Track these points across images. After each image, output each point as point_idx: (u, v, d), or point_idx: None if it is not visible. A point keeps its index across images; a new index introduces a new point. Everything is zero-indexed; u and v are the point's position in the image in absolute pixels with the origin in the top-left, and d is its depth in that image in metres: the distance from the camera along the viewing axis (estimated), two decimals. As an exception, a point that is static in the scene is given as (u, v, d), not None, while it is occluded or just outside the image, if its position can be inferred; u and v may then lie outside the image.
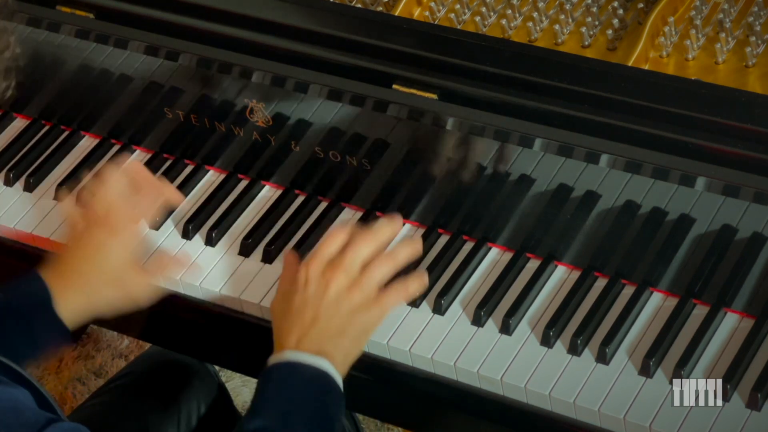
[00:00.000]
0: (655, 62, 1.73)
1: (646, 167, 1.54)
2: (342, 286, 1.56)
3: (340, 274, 1.56)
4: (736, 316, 1.58)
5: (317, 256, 1.59)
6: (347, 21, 1.74)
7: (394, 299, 1.59)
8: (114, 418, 1.86)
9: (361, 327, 1.56)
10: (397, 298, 1.59)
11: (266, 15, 1.76)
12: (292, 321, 1.55)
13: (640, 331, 1.59)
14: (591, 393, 1.54)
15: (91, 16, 1.85)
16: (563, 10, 1.79)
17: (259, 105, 1.77)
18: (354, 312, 1.55)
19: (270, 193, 1.84)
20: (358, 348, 1.57)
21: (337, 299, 1.55)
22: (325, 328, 1.54)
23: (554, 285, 1.66)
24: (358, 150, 1.74)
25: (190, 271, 1.74)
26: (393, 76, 1.67)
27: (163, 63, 1.80)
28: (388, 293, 1.58)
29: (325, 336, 1.53)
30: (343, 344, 1.54)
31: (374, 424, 2.58)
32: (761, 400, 1.49)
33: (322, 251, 1.59)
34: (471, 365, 1.59)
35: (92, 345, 2.82)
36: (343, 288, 1.56)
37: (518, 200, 1.66)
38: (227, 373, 2.66)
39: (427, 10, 1.85)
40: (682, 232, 1.57)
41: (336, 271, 1.56)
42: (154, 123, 1.89)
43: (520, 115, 1.60)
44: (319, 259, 1.58)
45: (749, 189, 1.49)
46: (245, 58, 1.75)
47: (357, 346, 1.56)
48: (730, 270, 1.57)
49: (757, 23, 1.70)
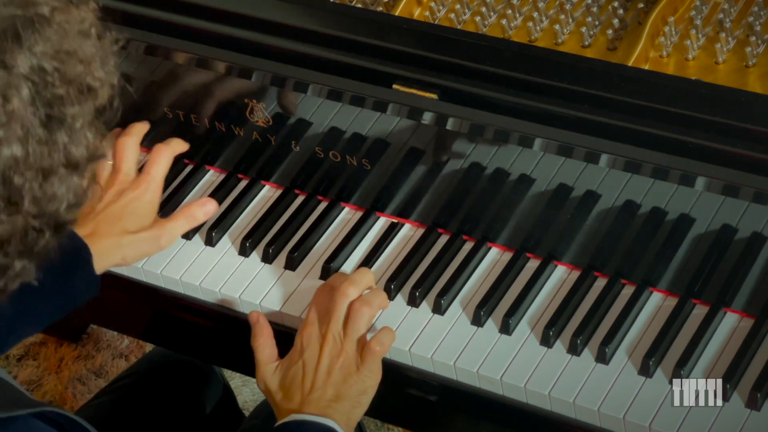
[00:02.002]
0: (655, 62, 1.72)
1: (646, 167, 1.54)
2: (334, 352, 1.57)
3: (329, 341, 1.58)
4: (735, 316, 1.58)
5: (308, 320, 1.61)
6: (347, 21, 1.74)
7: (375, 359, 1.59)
8: (119, 417, 1.87)
9: (356, 389, 1.56)
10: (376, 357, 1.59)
11: (266, 15, 1.76)
12: (292, 389, 1.57)
13: (639, 330, 1.59)
14: (591, 393, 1.54)
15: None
16: (563, 10, 1.79)
17: (259, 105, 1.77)
18: (347, 377, 1.56)
19: (270, 193, 1.84)
20: (359, 409, 1.57)
21: (329, 369, 1.57)
22: (322, 395, 1.55)
23: (554, 285, 1.66)
24: (358, 150, 1.74)
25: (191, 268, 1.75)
26: (393, 76, 1.67)
27: (164, 63, 1.80)
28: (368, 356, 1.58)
29: (323, 401, 1.55)
30: (342, 408, 1.55)
31: (374, 424, 2.58)
32: (761, 400, 1.49)
33: (312, 315, 1.61)
34: (471, 365, 1.59)
35: (92, 345, 2.82)
36: (334, 354, 1.57)
37: (518, 200, 1.66)
38: (227, 373, 2.66)
39: (427, 10, 1.85)
40: (681, 232, 1.57)
41: (326, 339, 1.58)
42: (154, 123, 1.89)
43: (520, 115, 1.60)
44: (311, 323, 1.60)
45: (749, 189, 1.49)
46: (245, 58, 1.75)
47: (357, 407, 1.56)
48: (729, 270, 1.57)
49: (757, 23, 1.70)
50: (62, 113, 1.13)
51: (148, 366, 1.97)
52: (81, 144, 1.15)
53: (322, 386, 1.55)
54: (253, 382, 2.68)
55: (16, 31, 1.10)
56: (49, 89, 1.12)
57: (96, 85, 1.17)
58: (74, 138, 1.15)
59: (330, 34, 1.72)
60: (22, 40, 1.10)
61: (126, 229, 1.68)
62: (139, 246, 1.69)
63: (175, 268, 1.76)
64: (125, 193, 1.71)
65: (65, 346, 2.80)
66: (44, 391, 2.73)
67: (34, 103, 1.11)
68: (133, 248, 1.68)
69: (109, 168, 1.74)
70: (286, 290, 1.72)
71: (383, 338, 1.60)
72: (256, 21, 1.76)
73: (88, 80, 1.16)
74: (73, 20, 1.16)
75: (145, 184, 1.72)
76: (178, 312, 1.78)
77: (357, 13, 1.78)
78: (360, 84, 1.68)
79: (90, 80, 1.16)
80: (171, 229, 1.71)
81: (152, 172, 1.73)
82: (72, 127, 1.14)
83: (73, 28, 1.16)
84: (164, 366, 1.96)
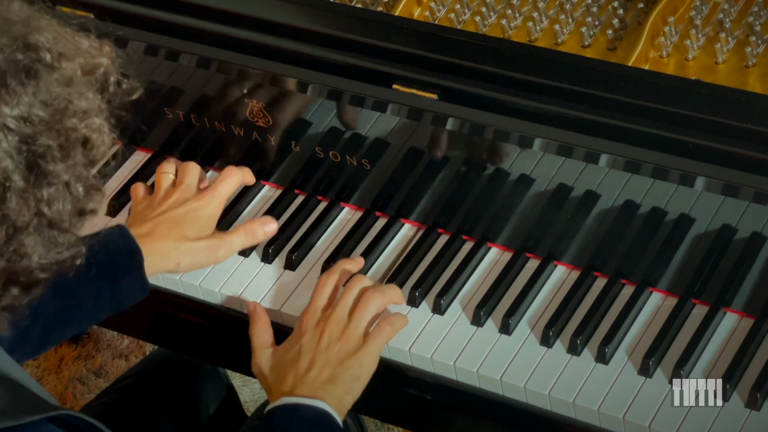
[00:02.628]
0: (655, 62, 1.72)
1: (646, 167, 1.54)
2: (334, 336, 1.58)
3: (332, 323, 1.58)
4: (735, 316, 1.58)
5: (310, 307, 1.61)
6: (347, 21, 1.74)
7: (379, 343, 1.59)
8: (122, 418, 1.86)
9: (351, 375, 1.56)
10: (382, 339, 1.60)
11: (266, 15, 1.76)
12: (286, 370, 1.57)
13: (639, 330, 1.59)
14: (590, 393, 1.54)
15: (91, 16, 1.85)
16: (563, 10, 1.79)
17: (259, 105, 1.77)
18: (344, 360, 1.56)
19: (270, 193, 1.84)
20: (351, 396, 1.56)
21: (328, 348, 1.57)
22: (317, 376, 1.55)
23: (554, 285, 1.66)
24: (358, 150, 1.74)
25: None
26: (393, 76, 1.67)
27: (163, 63, 1.80)
28: (373, 337, 1.58)
29: (317, 383, 1.54)
30: (335, 392, 1.54)
31: (374, 424, 2.58)
32: (761, 400, 1.49)
33: (314, 303, 1.62)
34: (470, 365, 1.59)
35: (92, 345, 2.82)
36: (335, 338, 1.57)
37: (518, 200, 1.66)
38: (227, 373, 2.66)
39: (427, 10, 1.85)
40: (681, 232, 1.57)
41: (329, 321, 1.58)
42: (154, 123, 1.89)
43: (520, 115, 1.60)
44: (312, 310, 1.61)
45: (749, 189, 1.49)
46: (245, 58, 1.75)
47: (350, 394, 1.56)
48: (729, 270, 1.57)
49: (757, 23, 1.70)
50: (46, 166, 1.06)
51: (149, 366, 1.97)
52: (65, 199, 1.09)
53: (318, 367, 1.55)
54: (254, 383, 2.68)
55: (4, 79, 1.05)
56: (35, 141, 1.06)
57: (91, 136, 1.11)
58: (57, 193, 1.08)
59: (330, 34, 1.72)
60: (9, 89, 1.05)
61: (185, 235, 1.67)
62: (196, 254, 1.67)
63: (175, 268, 1.76)
64: (188, 202, 1.70)
65: (65, 346, 2.80)
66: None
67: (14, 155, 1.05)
68: (189, 255, 1.67)
69: (170, 180, 1.74)
70: (286, 290, 1.72)
71: (395, 320, 1.60)
72: (256, 21, 1.76)
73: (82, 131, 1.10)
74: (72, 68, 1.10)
75: (209, 197, 1.71)
76: (178, 312, 1.78)
77: (357, 13, 1.78)
78: (360, 84, 1.68)
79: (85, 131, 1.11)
80: (230, 242, 1.70)
81: (219, 188, 1.72)
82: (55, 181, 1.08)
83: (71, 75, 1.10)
84: (166, 366, 1.96)
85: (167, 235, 1.66)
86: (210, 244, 1.68)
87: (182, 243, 1.66)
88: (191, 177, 1.74)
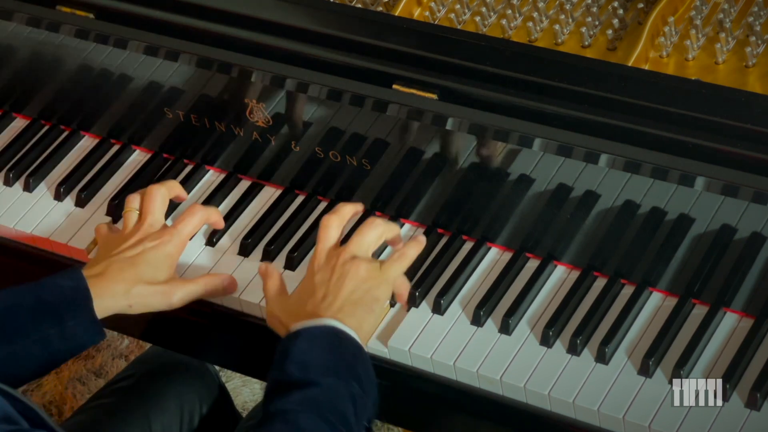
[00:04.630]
0: (655, 62, 1.73)
1: (646, 167, 1.54)
2: (347, 260, 1.58)
3: (345, 253, 1.59)
4: (735, 316, 1.58)
5: (318, 250, 1.62)
6: (347, 21, 1.74)
7: (395, 268, 1.61)
8: (115, 419, 1.86)
9: (370, 296, 1.57)
10: (399, 267, 1.61)
11: (266, 15, 1.76)
12: (301, 306, 1.57)
13: (639, 330, 1.59)
14: (590, 393, 1.54)
15: (91, 16, 1.85)
16: (563, 10, 1.79)
17: (259, 105, 1.77)
18: (362, 282, 1.57)
19: (270, 193, 1.84)
20: (372, 316, 1.57)
21: (343, 274, 1.57)
22: (334, 300, 1.55)
23: (554, 285, 1.66)
24: (358, 150, 1.74)
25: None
26: (393, 76, 1.67)
27: (163, 63, 1.80)
28: (390, 262, 1.60)
29: (334, 307, 1.55)
30: (355, 312, 1.55)
31: (374, 424, 2.58)
32: (760, 400, 1.49)
33: (321, 245, 1.62)
34: (470, 365, 1.59)
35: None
36: (348, 262, 1.58)
37: (518, 200, 1.66)
38: (227, 373, 2.66)
39: (427, 10, 1.85)
40: (681, 232, 1.57)
41: (341, 252, 1.59)
42: (154, 123, 1.89)
43: (520, 115, 1.60)
44: (320, 252, 1.61)
45: (748, 189, 1.49)
46: (245, 58, 1.75)
47: (370, 314, 1.57)
48: (729, 270, 1.57)
49: (757, 23, 1.70)
50: None
51: (143, 368, 1.96)
52: None
53: (333, 292, 1.55)
54: (254, 382, 2.68)
55: None
56: None
57: None
58: None
59: (330, 34, 1.72)
60: None
61: (140, 276, 1.64)
62: (149, 298, 1.64)
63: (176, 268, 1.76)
64: (145, 242, 1.67)
65: (65, 347, 2.80)
66: (44, 391, 2.73)
67: None
68: (141, 298, 1.63)
69: (135, 217, 1.71)
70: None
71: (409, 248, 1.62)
72: (256, 21, 1.76)
73: None
74: None
75: (168, 236, 1.67)
76: (177, 312, 1.78)
77: (357, 13, 1.78)
78: (360, 84, 1.68)
79: None
80: (186, 289, 1.67)
81: (180, 227, 1.69)
82: None
83: None
84: (159, 368, 1.96)
85: (119, 277, 1.62)
86: (164, 290, 1.65)
87: (135, 285, 1.63)
88: (153, 214, 1.70)
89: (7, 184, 1.92)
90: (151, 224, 1.69)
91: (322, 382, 1.46)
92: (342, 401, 1.46)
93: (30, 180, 1.91)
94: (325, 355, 1.49)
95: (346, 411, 1.46)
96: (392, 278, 1.60)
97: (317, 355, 1.49)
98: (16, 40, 1.92)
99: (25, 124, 2.00)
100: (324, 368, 1.47)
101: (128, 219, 1.71)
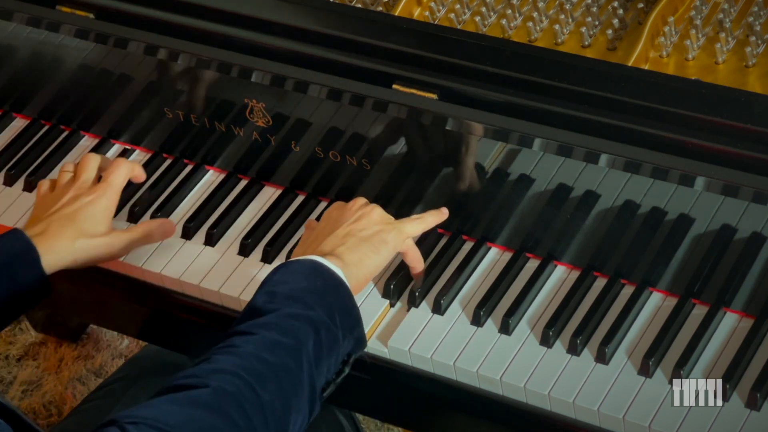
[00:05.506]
0: (655, 62, 1.73)
1: (646, 167, 1.54)
2: (361, 205, 1.63)
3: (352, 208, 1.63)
4: (735, 316, 1.58)
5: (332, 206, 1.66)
6: (347, 21, 1.74)
7: (411, 225, 1.64)
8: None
9: (379, 238, 1.59)
10: (415, 224, 1.64)
11: (266, 15, 1.76)
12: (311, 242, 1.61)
13: (639, 330, 1.59)
14: (590, 393, 1.54)
15: (91, 16, 1.86)
16: (563, 10, 1.79)
17: (259, 105, 1.77)
18: (374, 224, 1.60)
19: (270, 193, 1.84)
20: (377, 256, 1.59)
21: (356, 215, 1.61)
22: (340, 234, 1.58)
23: (554, 285, 1.66)
24: (358, 150, 1.74)
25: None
26: (393, 76, 1.67)
27: (163, 63, 1.80)
28: (408, 219, 1.63)
29: (337, 240, 1.58)
30: (358, 247, 1.57)
31: (374, 424, 2.58)
32: (760, 400, 1.49)
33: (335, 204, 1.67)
34: (470, 365, 1.59)
35: (92, 345, 2.82)
36: (364, 206, 1.62)
37: (518, 200, 1.66)
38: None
39: (427, 10, 1.85)
40: (681, 232, 1.57)
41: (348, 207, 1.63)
42: (154, 123, 1.89)
43: (520, 115, 1.60)
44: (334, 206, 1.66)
45: (748, 189, 1.49)
46: (245, 58, 1.75)
47: (375, 253, 1.59)
48: (729, 270, 1.57)
49: (757, 23, 1.70)
50: None
51: (137, 369, 1.96)
52: None
53: (343, 228, 1.59)
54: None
55: None
56: None
57: None
58: None
59: (330, 34, 1.72)
60: None
61: (82, 232, 1.69)
62: (92, 251, 1.70)
63: (175, 267, 1.76)
64: (81, 197, 1.72)
65: (65, 346, 2.80)
66: (44, 391, 2.73)
67: None
68: (85, 252, 1.69)
69: (68, 177, 1.77)
70: (285, 290, 1.72)
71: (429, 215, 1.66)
72: (256, 21, 1.76)
73: None
74: None
75: (101, 190, 1.73)
76: (177, 312, 1.78)
77: (357, 13, 1.78)
78: (360, 84, 1.68)
79: None
80: (127, 238, 1.72)
81: (110, 180, 1.75)
82: None
83: None
84: (153, 368, 1.95)
85: (61, 234, 1.68)
86: (107, 242, 1.71)
87: (77, 240, 1.68)
88: (87, 172, 1.76)
89: (8, 184, 1.92)
90: (85, 181, 1.75)
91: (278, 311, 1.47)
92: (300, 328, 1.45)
93: (30, 180, 1.91)
94: (294, 285, 1.50)
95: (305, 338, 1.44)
96: (405, 232, 1.63)
97: (288, 286, 1.50)
98: (16, 40, 1.92)
99: (25, 124, 2.00)
100: (288, 297, 1.48)
101: (60, 178, 1.77)
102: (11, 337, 2.84)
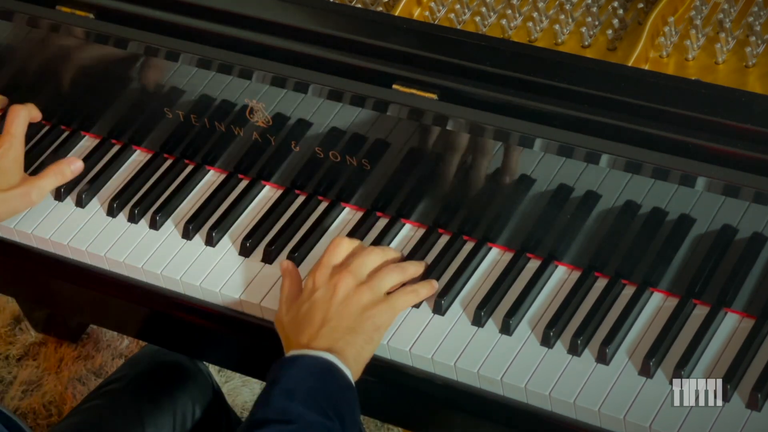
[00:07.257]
0: (655, 62, 1.73)
1: (646, 167, 1.54)
2: (350, 285, 1.58)
3: (347, 275, 1.59)
4: (736, 316, 1.58)
5: (322, 263, 1.62)
6: (347, 21, 1.74)
7: (403, 300, 1.61)
8: (108, 421, 1.86)
9: (371, 324, 1.57)
10: (407, 299, 1.62)
11: (266, 15, 1.76)
12: (302, 327, 1.57)
13: (640, 331, 1.59)
14: (591, 393, 1.54)
15: (91, 16, 1.85)
16: (563, 10, 1.79)
17: (259, 105, 1.77)
18: (364, 309, 1.57)
19: (270, 193, 1.84)
20: (371, 345, 1.57)
21: (346, 298, 1.58)
22: (336, 327, 1.55)
23: (554, 285, 1.66)
24: (358, 150, 1.74)
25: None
26: (393, 76, 1.67)
27: (163, 63, 1.80)
28: (398, 294, 1.61)
29: (335, 334, 1.55)
30: (355, 341, 1.55)
31: (374, 424, 2.58)
32: (761, 401, 1.49)
33: (326, 258, 1.63)
34: (471, 365, 1.59)
35: (92, 345, 2.82)
36: (351, 287, 1.58)
37: (518, 200, 1.66)
38: (227, 373, 2.66)
39: (427, 10, 1.85)
40: (682, 233, 1.57)
41: (343, 272, 1.60)
42: (154, 123, 1.89)
43: (520, 115, 1.60)
44: (324, 265, 1.62)
45: (749, 189, 1.49)
46: (245, 58, 1.75)
47: (369, 343, 1.57)
48: (730, 270, 1.57)
49: (757, 23, 1.70)
50: None
51: (135, 369, 1.96)
52: None
53: (336, 318, 1.56)
54: (254, 383, 2.68)
55: None
56: None
57: None
58: None
59: (330, 34, 1.72)
60: None
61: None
62: (9, 203, 1.75)
63: (176, 268, 1.76)
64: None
65: (65, 346, 2.80)
66: (44, 391, 2.73)
67: None
68: (3, 204, 1.74)
69: None
70: (286, 290, 1.71)
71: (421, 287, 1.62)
72: (256, 21, 1.76)
73: None
74: None
75: (8, 143, 1.78)
76: (177, 312, 1.78)
77: (357, 13, 1.78)
78: (360, 84, 1.68)
79: None
80: (41, 185, 1.78)
81: (12, 130, 1.79)
82: None
83: None
84: (152, 368, 1.96)
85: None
86: (22, 191, 1.76)
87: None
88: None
89: (7, 184, 1.92)
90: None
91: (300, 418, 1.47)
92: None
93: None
94: (312, 386, 1.50)
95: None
96: (397, 308, 1.61)
97: (305, 386, 1.50)
98: (16, 40, 1.92)
99: (24, 124, 2.00)
100: (307, 401, 1.49)
101: None
102: (11, 337, 2.84)
